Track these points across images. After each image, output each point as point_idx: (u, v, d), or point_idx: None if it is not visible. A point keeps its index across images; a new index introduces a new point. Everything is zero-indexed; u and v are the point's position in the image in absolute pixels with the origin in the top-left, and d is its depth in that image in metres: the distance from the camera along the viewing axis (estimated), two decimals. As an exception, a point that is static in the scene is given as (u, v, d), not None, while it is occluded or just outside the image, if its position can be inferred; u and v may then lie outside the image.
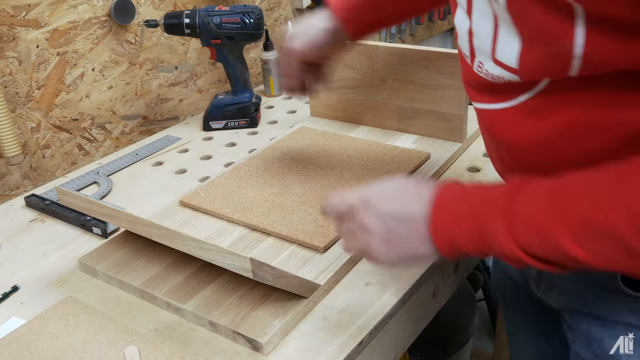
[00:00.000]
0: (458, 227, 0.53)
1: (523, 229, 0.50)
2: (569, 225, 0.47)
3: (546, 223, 0.48)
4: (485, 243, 0.52)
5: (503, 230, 0.50)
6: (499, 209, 0.51)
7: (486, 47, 0.53)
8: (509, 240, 0.50)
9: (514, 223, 0.50)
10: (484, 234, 0.52)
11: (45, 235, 0.91)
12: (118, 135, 1.28)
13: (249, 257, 0.59)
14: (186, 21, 1.15)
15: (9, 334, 0.69)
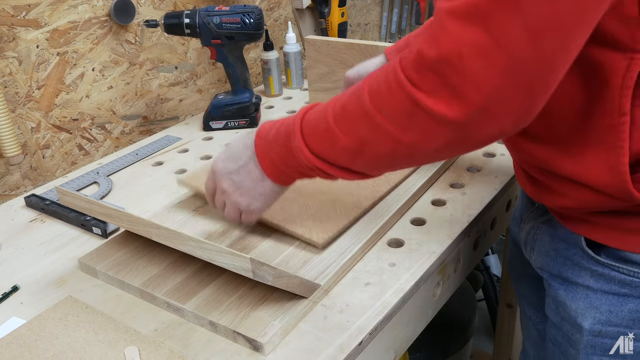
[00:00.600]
0: (273, 152, 0.66)
1: (313, 137, 0.61)
2: (338, 119, 0.58)
3: (326, 126, 0.59)
4: (293, 158, 0.63)
5: (300, 143, 0.62)
6: (297, 126, 0.62)
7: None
8: (306, 151, 0.61)
9: (307, 134, 0.61)
10: (289, 150, 0.63)
11: (45, 235, 0.91)
12: (118, 135, 1.28)
13: (249, 257, 0.59)
14: (186, 21, 1.15)
15: (9, 334, 0.69)
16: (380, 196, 0.87)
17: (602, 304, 0.66)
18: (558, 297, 0.70)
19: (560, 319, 0.71)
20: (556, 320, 0.72)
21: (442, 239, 0.81)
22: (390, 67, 0.53)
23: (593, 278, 0.66)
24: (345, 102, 0.58)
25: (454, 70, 0.47)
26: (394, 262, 0.77)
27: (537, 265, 0.75)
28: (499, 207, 0.95)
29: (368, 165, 0.60)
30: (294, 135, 0.62)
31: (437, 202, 0.90)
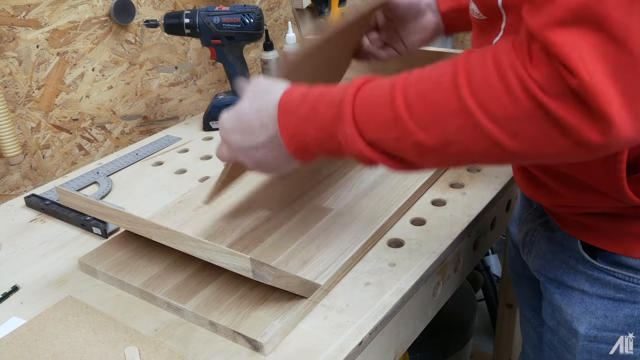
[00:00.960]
0: (307, 137, 0.56)
1: (365, 119, 0.51)
2: (406, 102, 0.49)
3: (384, 108, 0.50)
4: (337, 145, 0.54)
5: (350, 128, 0.52)
6: (345, 110, 0.52)
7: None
8: (356, 137, 0.52)
9: (358, 118, 0.52)
10: (334, 137, 0.54)
11: (45, 235, 0.91)
12: (118, 135, 1.28)
13: (249, 257, 0.59)
14: (186, 21, 1.15)
15: (9, 334, 0.69)
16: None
17: (597, 308, 0.65)
18: (554, 301, 0.70)
19: (557, 323, 0.71)
20: (552, 325, 0.72)
21: (442, 239, 0.81)
22: (505, 62, 0.44)
23: (588, 282, 0.65)
24: (426, 90, 0.48)
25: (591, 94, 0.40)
26: (394, 262, 0.77)
27: (534, 268, 0.75)
28: (499, 207, 0.95)
29: (440, 162, 0.51)
30: (343, 121, 0.52)
31: (437, 202, 0.90)
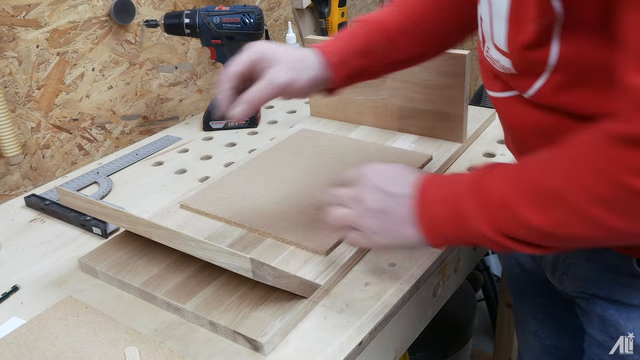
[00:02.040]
0: (439, 212, 0.57)
1: (495, 210, 0.53)
2: (529, 195, 0.50)
3: (511, 199, 0.51)
4: (465, 229, 0.55)
5: (477, 213, 0.53)
6: (472, 192, 0.54)
7: (488, 31, 0.57)
8: (484, 223, 0.53)
9: (486, 205, 0.53)
10: (462, 219, 0.55)
11: (45, 235, 0.91)
12: (118, 135, 1.28)
13: (249, 257, 0.59)
14: (186, 21, 1.15)
15: (9, 334, 0.69)
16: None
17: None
18: (608, 316, 0.67)
19: (609, 338, 0.67)
20: (603, 340, 0.68)
21: (442, 239, 0.81)
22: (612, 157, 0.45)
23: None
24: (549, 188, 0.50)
25: None
26: (394, 262, 0.77)
27: (571, 289, 0.72)
28: (499, 207, 0.94)
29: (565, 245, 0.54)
30: (474, 218, 0.54)
31: (437, 202, 0.90)
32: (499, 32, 0.55)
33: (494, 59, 0.58)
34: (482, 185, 0.54)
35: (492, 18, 0.55)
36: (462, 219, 0.55)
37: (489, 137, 1.10)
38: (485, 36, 0.59)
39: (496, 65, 0.59)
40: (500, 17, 0.53)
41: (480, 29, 0.60)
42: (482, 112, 1.16)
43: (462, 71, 0.97)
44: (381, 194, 0.61)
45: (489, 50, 0.59)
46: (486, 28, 0.57)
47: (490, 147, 1.06)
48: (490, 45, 0.58)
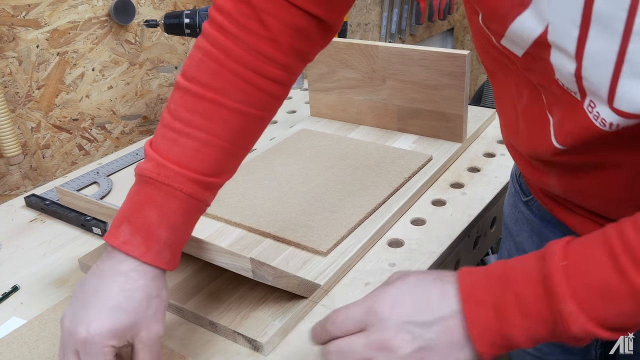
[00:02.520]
0: (506, 322, 0.44)
1: (593, 300, 0.42)
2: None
3: (612, 279, 0.41)
4: (550, 330, 0.43)
5: (572, 308, 0.42)
6: (553, 279, 0.42)
7: (601, 93, 0.43)
8: (579, 318, 0.42)
9: (580, 295, 0.42)
10: (547, 321, 0.43)
11: (45, 235, 0.91)
12: (118, 135, 1.28)
13: (249, 257, 0.59)
14: (186, 21, 1.15)
15: (9, 334, 0.69)
16: (382, 200, 0.87)
17: None
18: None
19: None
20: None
21: (442, 239, 0.81)
22: None
23: None
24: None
25: None
26: (394, 262, 0.77)
27: None
28: (499, 207, 0.95)
29: None
30: (558, 299, 0.42)
31: (437, 202, 0.90)
32: (633, 94, 0.41)
33: (604, 119, 0.44)
34: (567, 274, 0.42)
35: (622, 77, 0.41)
36: (548, 322, 0.43)
37: (489, 137, 1.10)
38: (590, 93, 0.44)
39: (603, 124, 0.44)
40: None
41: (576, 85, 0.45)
42: (482, 112, 1.16)
43: (462, 71, 0.97)
44: (414, 329, 0.46)
45: (595, 108, 0.45)
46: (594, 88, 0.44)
47: (490, 147, 1.06)
48: (602, 106, 0.44)
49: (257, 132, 0.62)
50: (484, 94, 1.96)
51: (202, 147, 0.57)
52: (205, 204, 0.59)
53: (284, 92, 0.62)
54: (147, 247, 0.55)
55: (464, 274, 0.47)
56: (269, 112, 0.62)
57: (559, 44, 0.43)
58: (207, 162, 0.57)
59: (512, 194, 0.75)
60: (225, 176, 0.60)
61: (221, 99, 0.57)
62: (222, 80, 0.57)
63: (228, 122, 0.57)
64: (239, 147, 0.60)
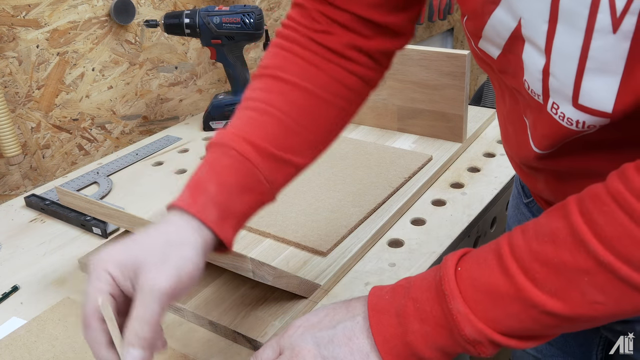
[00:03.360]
0: (407, 329, 0.45)
1: (481, 299, 0.43)
2: (533, 276, 0.41)
3: (499, 281, 0.42)
4: (447, 334, 0.44)
5: (460, 306, 0.43)
6: (446, 284, 0.44)
7: (566, 91, 0.44)
8: (469, 316, 0.43)
9: (468, 294, 0.43)
10: (442, 325, 0.44)
11: (45, 235, 0.91)
12: (118, 135, 1.28)
13: (249, 257, 0.59)
14: (186, 21, 1.15)
15: (7, 336, 0.69)
16: (382, 200, 0.87)
17: None
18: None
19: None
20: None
21: (442, 239, 0.81)
22: (635, 202, 0.38)
23: None
24: (544, 253, 0.41)
25: None
26: (394, 262, 0.77)
27: None
28: (499, 207, 0.95)
29: (578, 328, 0.44)
30: (451, 300, 0.44)
31: (437, 202, 0.90)
32: (597, 90, 0.42)
33: (570, 118, 0.45)
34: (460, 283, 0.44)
35: (587, 74, 0.42)
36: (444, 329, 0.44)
37: (489, 137, 1.10)
38: (553, 92, 0.45)
39: (569, 123, 0.45)
40: (607, 71, 0.41)
41: (540, 83, 0.46)
42: (482, 112, 1.16)
43: (462, 71, 0.97)
44: (319, 340, 0.48)
45: (559, 108, 0.45)
46: (559, 85, 0.44)
47: (490, 147, 1.06)
48: (565, 104, 0.45)
49: (324, 115, 0.58)
50: (484, 94, 1.96)
51: (258, 115, 0.55)
52: (262, 175, 0.53)
53: (356, 82, 0.59)
54: (194, 198, 0.51)
55: (374, 289, 0.49)
56: (338, 98, 0.58)
57: (531, 38, 0.44)
58: (263, 129, 0.54)
59: (515, 195, 0.75)
60: (289, 154, 0.55)
61: (280, 73, 0.57)
62: (282, 58, 0.57)
63: (284, 94, 0.56)
64: (300, 125, 0.56)
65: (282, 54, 0.57)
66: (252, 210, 0.55)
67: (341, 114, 0.59)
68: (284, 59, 0.57)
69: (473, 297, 0.43)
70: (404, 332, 0.45)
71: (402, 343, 0.45)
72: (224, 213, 0.52)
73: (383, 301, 0.47)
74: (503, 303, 0.42)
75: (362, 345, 0.47)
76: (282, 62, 0.57)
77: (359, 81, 0.59)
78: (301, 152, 0.57)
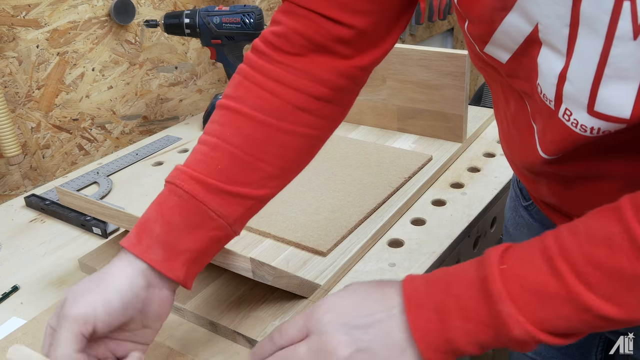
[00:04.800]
0: (447, 325, 0.44)
1: (523, 296, 0.42)
2: (586, 280, 0.40)
3: (548, 282, 0.41)
4: (493, 334, 0.43)
5: (511, 309, 0.42)
6: (490, 283, 0.43)
7: (582, 97, 0.43)
8: (518, 319, 0.42)
9: (517, 297, 0.42)
10: (487, 324, 0.43)
11: (45, 235, 0.91)
12: (118, 135, 1.28)
13: (249, 257, 0.59)
14: (186, 21, 1.15)
15: (4, 338, 0.68)
16: (382, 200, 0.87)
17: None
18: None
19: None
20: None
21: (442, 239, 0.81)
22: None
23: None
24: (598, 257, 0.40)
25: None
26: (394, 262, 0.77)
27: None
28: (499, 207, 0.95)
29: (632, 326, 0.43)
30: (496, 301, 0.42)
31: (437, 202, 0.90)
32: (614, 97, 0.41)
33: (584, 125, 0.44)
34: (505, 281, 0.42)
35: (604, 80, 0.41)
36: (489, 326, 0.43)
37: (489, 137, 1.10)
38: (567, 99, 0.44)
39: (583, 130, 0.44)
40: (626, 78, 0.40)
41: (554, 88, 0.45)
42: (482, 112, 1.16)
43: (462, 71, 0.97)
44: (352, 331, 0.46)
45: (572, 115, 0.44)
46: (572, 91, 0.43)
47: (490, 147, 1.06)
48: (579, 111, 0.44)
49: (286, 146, 0.57)
50: (484, 94, 1.96)
51: (210, 150, 0.55)
52: (212, 211, 0.54)
53: (325, 108, 0.57)
54: (139, 239, 0.53)
55: (408, 279, 0.47)
56: (303, 127, 0.57)
57: (550, 42, 0.43)
58: (214, 165, 0.54)
59: (512, 198, 0.75)
60: (243, 187, 0.55)
61: (237, 105, 0.56)
62: (242, 89, 0.56)
63: (241, 128, 0.55)
64: (256, 157, 0.56)
65: (244, 84, 0.57)
66: (210, 246, 0.55)
67: (309, 141, 0.58)
68: (245, 90, 0.56)
69: (521, 298, 0.42)
70: (445, 328, 0.44)
71: (442, 339, 0.44)
72: (171, 252, 0.52)
73: (419, 294, 0.46)
74: (553, 304, 0.41)
75: (399, 340, 0.45)
76: (243, 92, 0.56)
77: (329, 106, 0.58)
78: (257, 183, 0.56)
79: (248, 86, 0.56)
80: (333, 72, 0.56)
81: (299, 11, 0.55)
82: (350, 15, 0.54)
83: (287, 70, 0.56)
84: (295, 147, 0.57)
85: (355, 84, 0.59)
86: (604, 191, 0.49)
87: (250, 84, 0.56)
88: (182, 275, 0.53)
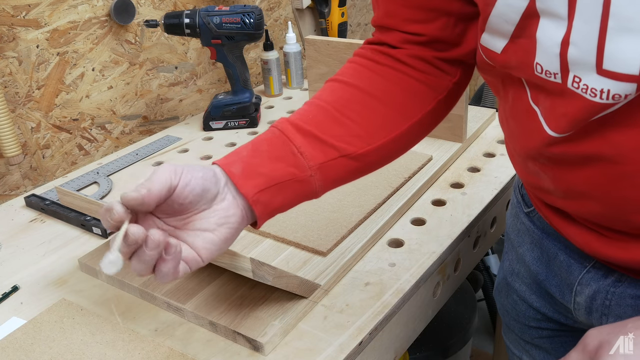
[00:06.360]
0: None
1: None
2: None
3: None
4: None
5: None
6: None
7: (589, 58, 0.43)
8: None
9: None
10: None
11: (45, 235, 0.91)
12: (118, 135, 1.28)
13: (249, 257, 0.59)
14: (186, 21, 1.15)
15: (4, 338, 0.69)
16: (382, 200, 0.87)
17: None
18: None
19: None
20: None
21: (442, 239, 0.81)
22: None
23: None
24: None
25: None
26: (394, 262, 0.77)
27: None
28: (499, 207, 0.95)
29: None
30: None
31: (437, 202, 0.90)
32: (622, 51, 0.41)
33: (594, 88, 0.44)
34: None
35: (609, 34, 0.41)
36: None
37: (489, 137, 1.10)
38: (573, 65, 0.45)
39: (593, 95, 0.44)
40: (631, 30, 0.40)
41: (558, 58, 0.45)
42: (482, 112, 1.16)
43: (462, 71, 0.97)
44: None
45: (581, 81, 0.45)
46: (579, 54, 0.44)
47: (490, 147, 1.06)
48: (588, 74, 0.44)
49: (375, 113, 0.62)
50: (484, 94, 1.96)
51: (307, 106, 0.62)
52: (295, 147, 0.58)
53: (417, 87, 0.63)
54: (226, 157, 0.59)
55: None
56: (395, 100, 0.62)
57: (549, 9, 0.44)
58: (307, 115, 0.61)
59: (514, 204, 0.74)
60: (330, 137, 0.60)
61: (336, 77, 0.64)
62: (344, 68, 0.65)
63: (335, 90, 0.63)
64: (342, 114, 0.61)
65: (349, 66, 0.65)
66: (287, 182, 0.58)
67: (397, 115, 0.62)
68: (348, 68, 0.65)
69: None
70: None
71: None
72: (249, 171, 0.57)
73: None
74: None
75: None
76: (346, 70, 0.65)
77: (421, 86, 0.62)
78: (342, 137, 0.60)
79: (352, 66, 0.65)
80: (421, 59, 0.62)
81: None
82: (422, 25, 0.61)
83: (385, 55, 0.63)
84: (381, 114, 0.62)
85: (443, 72, 0.63)
86: (611, 176, 0.49)
87: (356, 65, 0.64)
88: (251, 194, 0.56)
